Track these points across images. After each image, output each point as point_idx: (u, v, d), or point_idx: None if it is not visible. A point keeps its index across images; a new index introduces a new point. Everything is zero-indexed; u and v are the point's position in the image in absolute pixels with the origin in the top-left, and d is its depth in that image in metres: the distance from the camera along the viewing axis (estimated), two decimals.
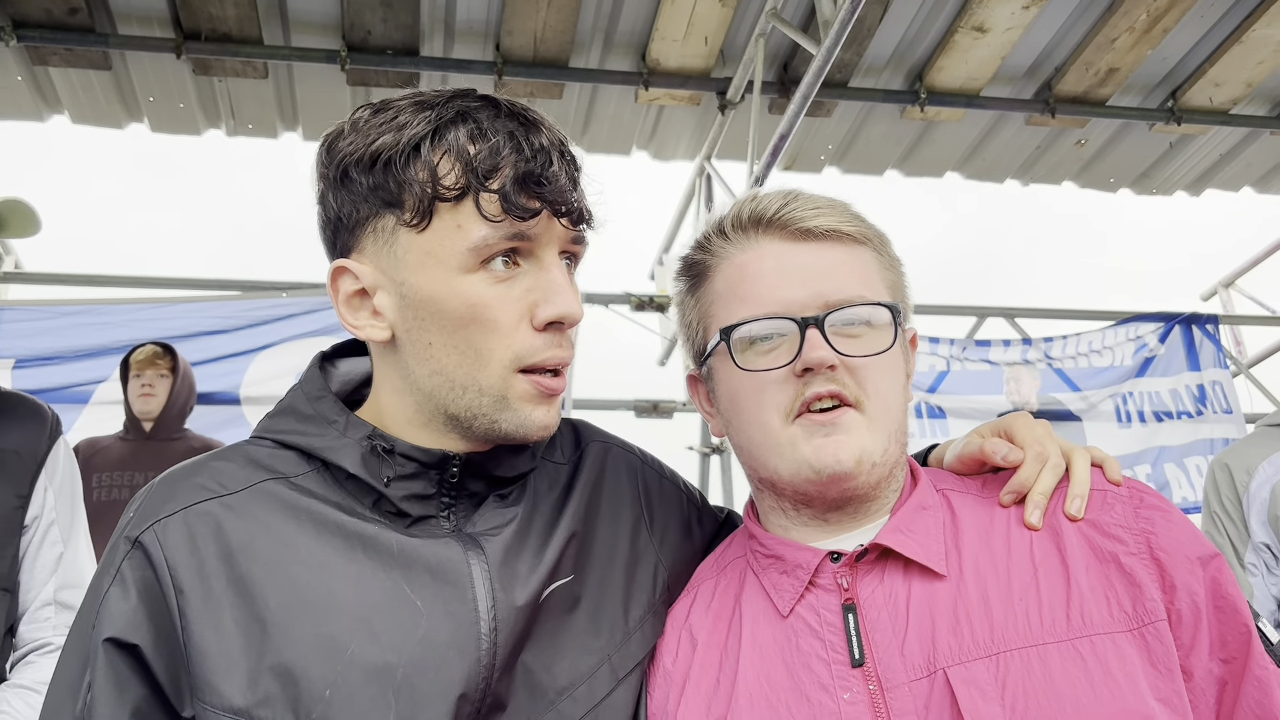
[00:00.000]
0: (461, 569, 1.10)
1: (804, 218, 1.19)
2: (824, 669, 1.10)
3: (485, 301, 1.07)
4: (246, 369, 5.56)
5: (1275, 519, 2.56)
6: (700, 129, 6.18)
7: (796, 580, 1.17)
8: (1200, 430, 6.65)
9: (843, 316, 1.15)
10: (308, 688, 1.01)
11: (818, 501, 1.18)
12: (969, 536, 1.15)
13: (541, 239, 1.09)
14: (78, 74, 5.35)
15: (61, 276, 6.15)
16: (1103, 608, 1.06)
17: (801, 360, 1.13)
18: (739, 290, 1.20)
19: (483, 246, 1.06)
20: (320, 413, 1.16)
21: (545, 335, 1.10)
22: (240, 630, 1.03)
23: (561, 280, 1.10)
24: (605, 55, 5.56)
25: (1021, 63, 5.77)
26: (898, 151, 6.46)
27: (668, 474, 1.42)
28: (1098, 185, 7.00)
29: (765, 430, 1.16)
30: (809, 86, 4.54)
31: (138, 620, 1.04)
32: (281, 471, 1.13)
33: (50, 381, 5.32)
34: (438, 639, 1.05)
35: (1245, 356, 7.47)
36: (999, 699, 1.01)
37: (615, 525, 1.27)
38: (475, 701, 1.05)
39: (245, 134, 5.93)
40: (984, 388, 6.55)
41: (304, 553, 1.07)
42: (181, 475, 1.13)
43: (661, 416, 6.33)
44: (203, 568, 1.05)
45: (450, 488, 1.15)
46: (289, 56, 5.27)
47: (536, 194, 1.07)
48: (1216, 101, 6.09)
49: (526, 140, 1.07)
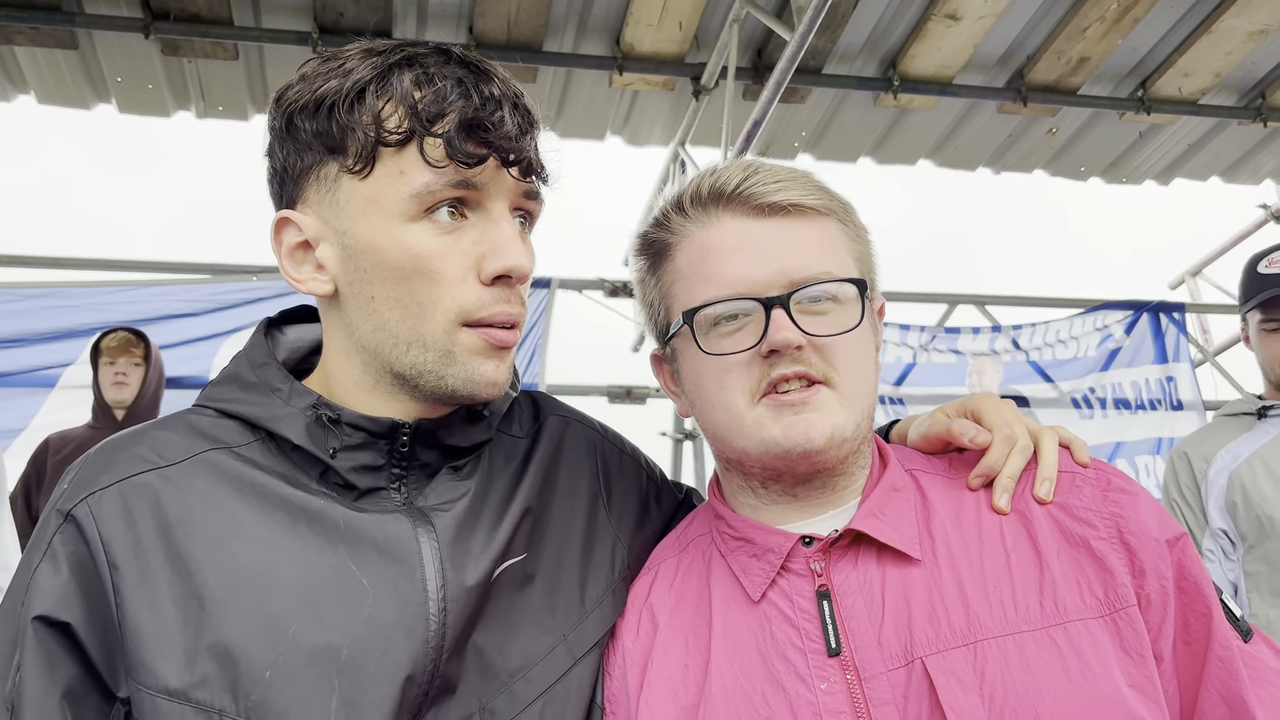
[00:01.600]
0: (410, 546, 1.06)
1: (765, 192, 1.15)
2: (800, 658, 1.08)
3: (429, 252, 1.04)
4: (216, 352, 5.51)
5: (1232, 505, 2.60)
6: (674, 114, 6.17)
7: (768, 565, 1.14)
8: (1164, 426, 6.74)
9: (808, 294, 1.12)
10: (247, 669, 0.97)
11: (786, 476, 1.15)
12: (940, 520, 1.13)
13: (489, 189, 1.05)
14: (44, 53, 5.26)
15: (27, 259, 6.06)
16: (1075, 593, 1.05)
17: (767, 342, 1.10)
18: (700, 270, 1.16)
19: (425, 193, 1.03)
20: (264, 380, 1.11)
21: (493, 290, 1.06)
22: (178, 608, 0.99)
23: (510, 233, 1.06)
24: (579, 39, 5.54)
25: (994, 51, 5.79)
26: (871, 139, 6.48)
27: (628, 449, 1.39)
28: (1068, 174, 7.05)
29: (730, 412, 1.13)
30: (783, 73, 4.55)
31: (69, 597, 0.99)
32: (224, 441, 1.09)
33: (16, 365, 5.26)
34: (384, 619, 1.02)
35: (1212, 345, 7.56)
36: (977, 689, 1.01)
37: (572, 501, 1.24)
38: (423, 684, 1.02)
39: (215, 116, 5.85)
40: (948, 380, 6.61)
41: (246, 528, 1.03)
42: (118, 445, 1.08)
43: (635, 402, 6.34)
44: (139, 543, 1.01)
45: (401, 458, 1.10)
46: (260, 38, 5.21)
47: (483, 140, 1.03)
48: (1186, 91, 6.14)
49: (475, 87, 1.04)
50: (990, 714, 1.00)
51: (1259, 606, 2.57)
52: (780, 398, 1.10)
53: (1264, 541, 2.57)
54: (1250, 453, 2.65)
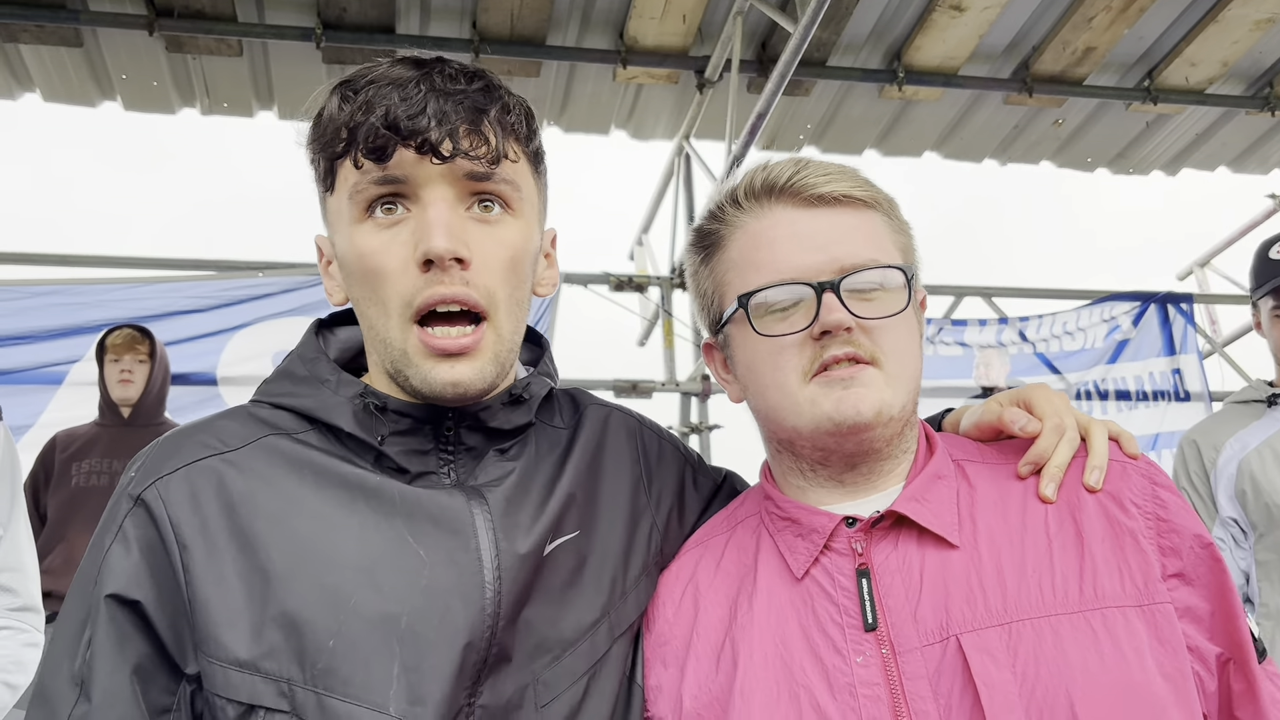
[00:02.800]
0: (464, 518, 1.11)
1: (816, 184, 1.20)
2: (837, 632, 1.12)
3: (372, 248, 1.09)
4: (223, 349, 5.53)
5: (1242, 494, 2.59)
6: (679, 108, 6.17)
7: (811, 544, 1.18)
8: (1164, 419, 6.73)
9: (858, 280, 1.17)
10: (312, 638, 1.02)
11: (835, 457, 1.19)
12: (984, 507, 1.17)
13: (416, 179, 1.08)
14: (49, 51, 5.29)
15: (34, 256, 6.09)
16: (1115, 581, 1.07)
17: (819, 323, 1.14)
18: (754, 258, 1.22)
19: (355, 193, 1.09)
20: (314, 373, 1.18)
21: (426, 274, 1.08)
22: (243, 583, 1.04)
23: (434, 216, 1.07)
24: (583, 33, 5.54)
25: (999, 42, 5.78)
26: (876, 131, 6.47)
27: (666, 436, 1.43)
28: (1075, 165, 7.03)
29: (783, 391, 1.18)
30: (786, 65, 4.54)
31: (140, 577, 1.04)
32: (283, 428, 1.15)
33: (23, 361, 5.28)
34: (441, 587, 1.07)
35: (1220, 336, 7.53)
36: (1010, 666, 1.03)
37: (616, 485, 1.29)
38: (481, 650, 1.06)
39: (220, 112, 5.88)
40: (955, 372, 6.60)
41: (306, 505, 1.09)
42: (183, 434, 1.14)
43: (641, 396, 6.33)
44: (205, 523, 1.06)
45: (447, 442, 1.16)
46: (264, 34, 5.23)
47: (393, 131, 1.06)
48: (1193, 81, 6.12)
49: (401, 89, 1.08)
50: (1022, 690, 1.02)
51: (1269, 595, 2.56)
52: (831, 374, 1.15)
53: (1274, 530, 2.56)
54: (1260, 441, 2.64)
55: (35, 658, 1.99)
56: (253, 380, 5.60)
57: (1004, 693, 1.02)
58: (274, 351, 5.57)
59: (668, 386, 6.42)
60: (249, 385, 5.52)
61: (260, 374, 5.53)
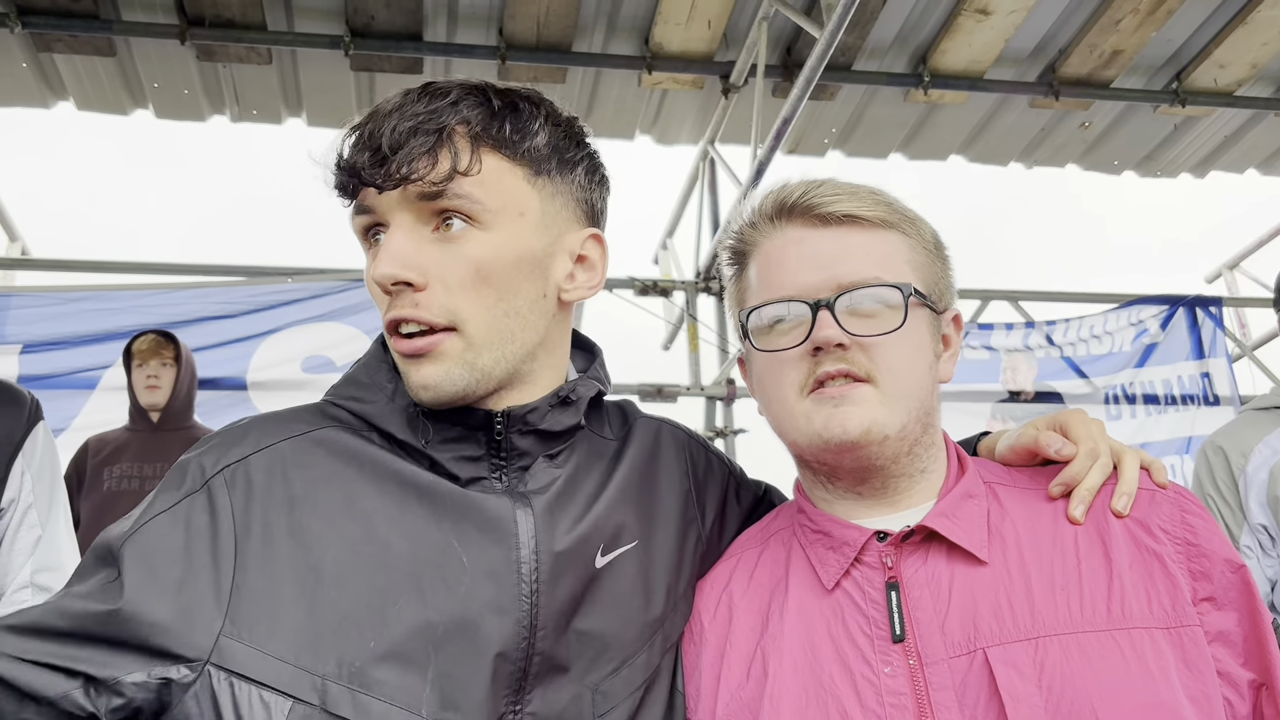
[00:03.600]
0: (509, 526, 1.13)
1: (823, 203, 1.23)
2: (866, 643, 1.14)
3: (368, 275, 1.16)
4: (253, 354, 5.58)
5: (1275, 500, 2.57)
6: (704, 113, 6.18)
7: (842, 556, 1.20)
8: (1195, 423, 6.68)
9: (854, 298, 1.19)
10: (355, 637, 1.05)
11: (840, 473, 1.22)
12: (1014, 527, 1.18)
13: (379, 209, 1.14)
14: (82, 60, 5.36)
15: (68, 263, 6.18)
16: (1143, 603, 1.08)
17: (811, 340, 1.17)
18: (763, 277, 1.26)
19: (352, 227, 1.18)
20: (375, 380, 1.22)
21: (388, 298, 1.14)
22: (295, 576, 1.06)
23: (385, 244, 1.13)
24: (608, 39, 5.56)
25: (1025, 45, 5.75)
26: (901, 135, 6.45)
27: (712, 450, 1.46)
28: (1101, 168, 6.98)
29: (783, 404, 1.21)
30: (812, 70, 4.54)
31: (172, 555, 1.06)
32: (350, 425, 1.20)
33: (58, 367, 5.35)
34: (477, 599, 1.09)
35: (1250, 339, 7.47)
36: (1036, 680, 1.04)
37: (668, 498, 1.32)
38: (517, 661, 1.08)
39: (250, 120, 5.94)
40: (982, 376, 6.57)
41: (362, 501, 1.12)
42: (251, 424, 1.19)
43: (665, 400, 6.35)
44: (265, 513, 1.09)
45: (499, 447, 1.18)
46: (293, 42, 5.28)
47: (344, 172, 1.14)
48: (1221, 83, 6.07)
49: (365, 125, 1.14)
50: (1047, 704, 1.03)
51: None
52: (824, 391, 1.17)
53: None
54: None
55: None
56: (282, 385, 5.69)
57: (1029, 706, 1.03)
58: (303, 357, 5.62)
59: (693, 391, 6.43)
60: (278, 390, 5.59)
61: (289, 379, 5.64)
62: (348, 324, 5.75)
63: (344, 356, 5.68)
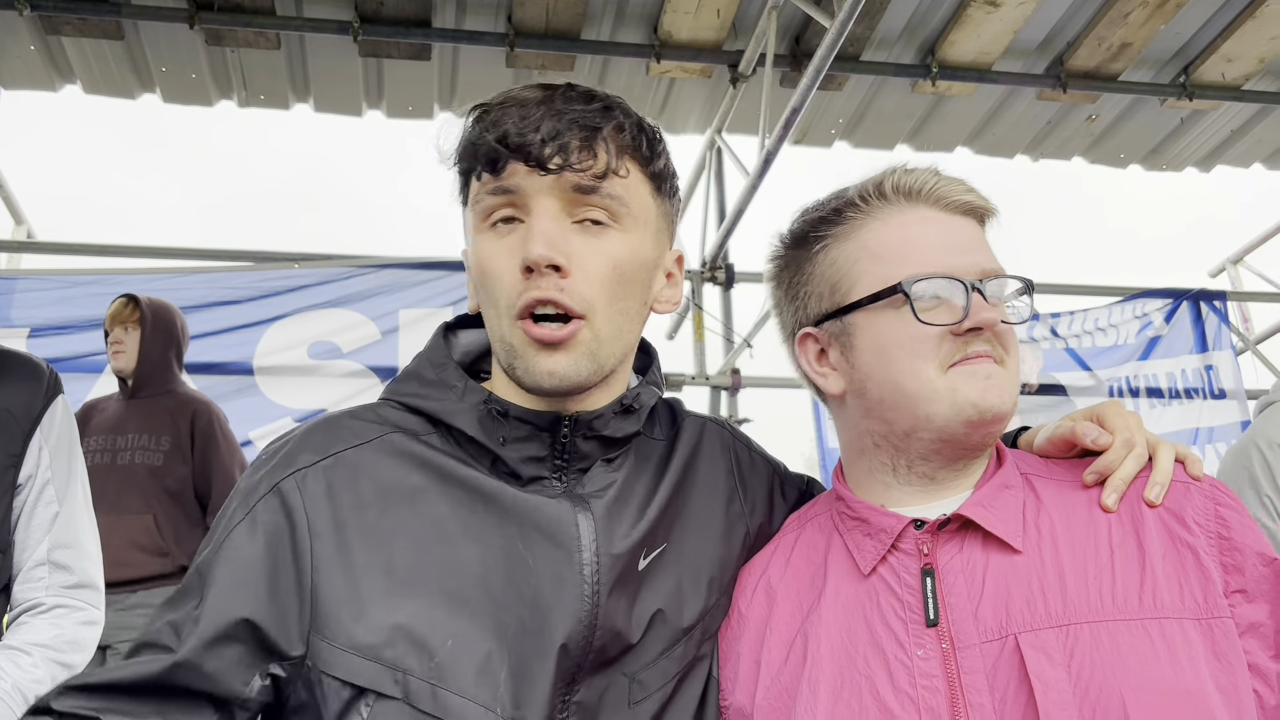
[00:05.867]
0: (570, 531, 1.17)
1: (957, 192, 1.28)
2: (901, 626, 1.16)
3: (487, 253, 1.18)
4: (259, 339, 5.58)
5: None
6: (711, 102, 6.18)
7: (879, 543, 1.23)
8: (1201, 416, 6.69)
9: (997, 285, 1.24)
10: (431, 637, 1.09)
11: (950, 449, 1.23)
12: (1049, 517, 1.20)
13: (526, 191, 1.16)
14: (90, 44, 5.36)
15: (74, 246, 6.18)
16: (1175, 594, 1.10)
17: (970, 319, 1.19)
18: (901, 249, 1.25)
19: (476, 203, 1.19)
20: (442, 379, 1.25)
21: (527, 279, 1.15)
22: (369, 577, 1.11)
23: (536, 226, 1.14)
24: (617, 27, 5.56)
25: (1034, 37, 5.75)
26: (908, 126, 6.45)
27: (755, 448, 1.48)
28: (1107, 161, 6.98)
29: (920, 379, 1.20)
30: (822, 60, 4.54)
31: (257, 562, 1.12)
32: (409, 429, 1.22)
33: (64, 350, 5.35)
34: (545, 598, 1.13)
35: (1253, 333, 7.48)
36: (1065, 666, 1.06)
37: (711, 494, 1.34)
38: (576, 657, 1.13)
39: (257, 105, 5.93)
40: None
41: (430, 504, 1.16)
42: (318, 428, 1.22)
43: (671, 389, 6.35)
44: (337, 514, 1.13)
45: (562, 450, 1.22)
46: (301, 27, 5.28)
47: (504, 146, 1.15)
48: (1229, 77, 6.07)
49: (519, 107, 1.17)
50: (1076, 689, 1.05)
51: None
52: (974, 364, 1.20)
53: None
54: None
55: (93, 636, 2.00)
56: (289, 371, 5.70)
57: (1058, 690, 1.05)
58: (310, 342, 5.63)
59: (698, 380, 6.44)
60: (285, 376, 5.60)
61: (296, 365, 5.65)
62: (354, 310, 5.75)
63: (350, 343, 5.69)
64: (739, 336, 6.47)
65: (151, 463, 3.89)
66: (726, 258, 6.56)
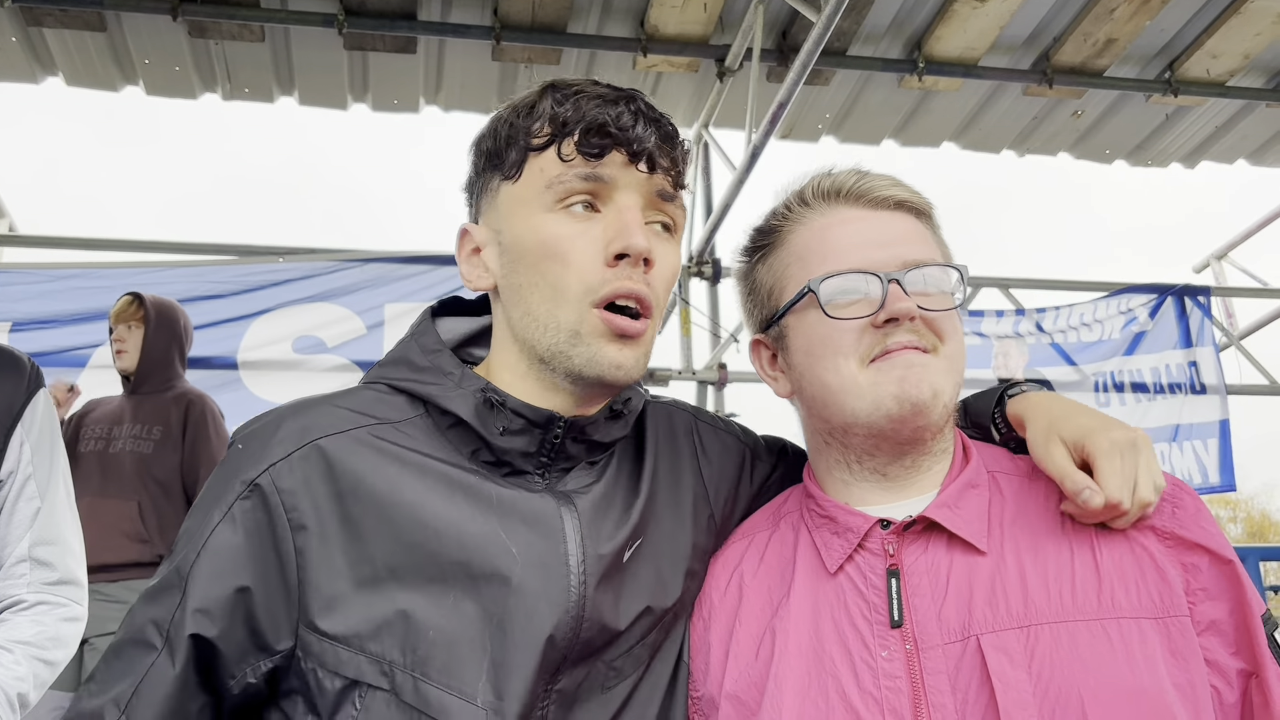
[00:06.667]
0: (555, 523, 1.17)
1: (879, 188, 1.30)
2: (866, 626, 1.18)
3: (559, 235, 1.16)
4: (244, 333, 5.56)
5: None
6: (698, 96, 6.18)
7: (846, 542, 1.24)
8: (1182, 412, 6.72)
9: (921, 275, 1.24)
10: (415, 627, 1.09)
11: (886, 445, 1.24)
12: (1013, 517, 1.22)
13: (617, 183, 1.17)
14: (72, 35, 5.31)
15: (57, 240, 6.13)
16: (1132, 594, 1.12)
17: (885, 310, 1.20)
18: (821, 250, 1.28)
19: (557, 183, 1.17)
20: (436, 365, 1.23)
21: (615, 268, 1.15)
22: (353, 569, 1.11)
23: (632, 218, 1.16)
24: (603, 21, 5.54)
25: (1020, 33, 5.76)
26: (895, 121, 6.46)
27: (721, 425, 1.48)
28: (1093, 156, 7.01)
29: (842, 375, 1.23)
30: (809, 54, 4.54)
31: (241, 559, 1.11)
32: (388, 417, 1.20)
33: (47, 345, 5.32)
34: (530, 589, 1.13)
35: (1237, 329, 7.52)
36: (1026, 667, 1.09)
37: (677, 481, 1.35)
38: (562, 648, 1.13)
39: (241, 98, 5.90)
40: (973, 362, 6.60)
41: (409, 494, 1.14)
42: (295, 415, 1.19)
43: (657, 384, 6.35)
44: (317, 506, 1.12)
45: (551, 449, 1.21)
46: (286, 20, 5.24)
47: (608, 135, 1.16)
48: (1214, 73, 6.09)
49: (610, 102, 1.17)
50: (1036, 689, 1.07)
51: None
52: (894, 355, 1.21)
53: None
54: None
55: (75, 632, 1.99)
56: (273, 365, 5.68)
57: (1018, 690, 1.07)
58: (294, 337, 5.61)
59: (684, 375, 6.43)
60: (269, 369, 5.58)
61: (280, 359, 5.62)
62: (339, 304, 5.74)
63: (335, 337, 5.67)
64: (726, 331, 6.47)
65: (142, 450, 3.91)
66: (713, 253, 6.56)
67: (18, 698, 1.85)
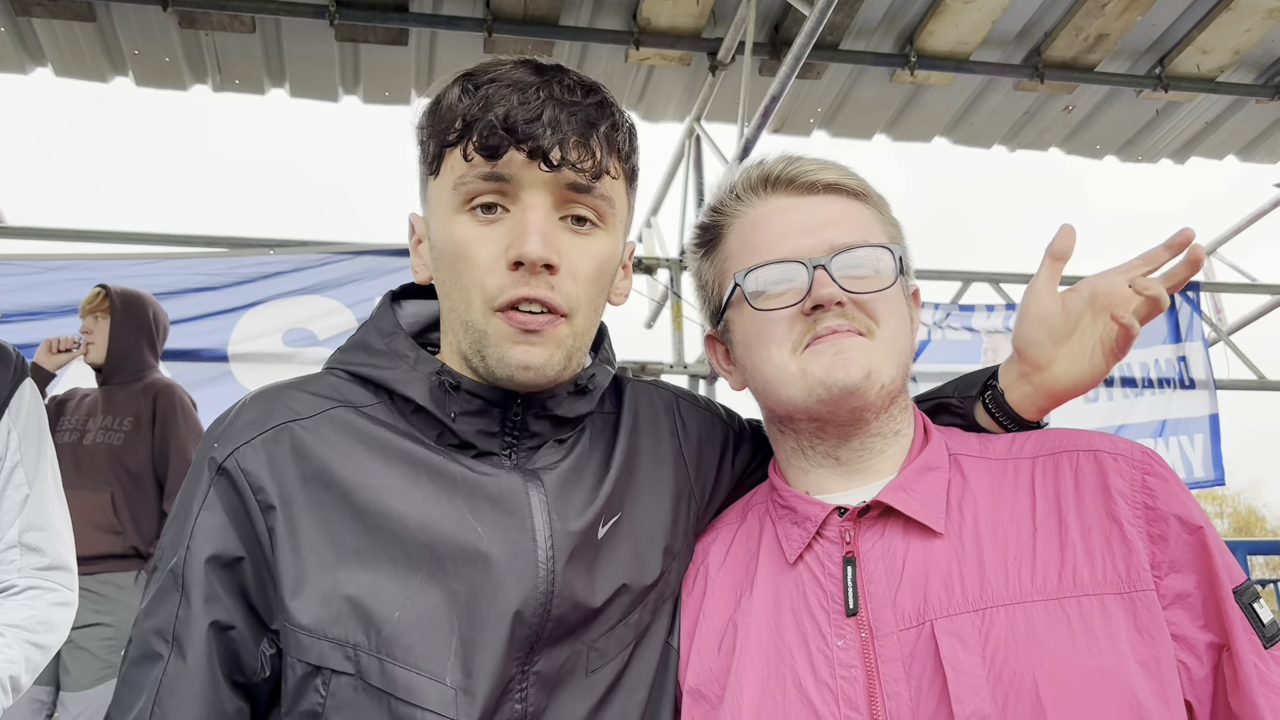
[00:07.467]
0: (521, 500, 1.15)
1: (808, 173, 1.28)
2: (823, 616, 1.17)
3: (466, 238, 1.14)
4: (234, 326, 5.53)
5: None
6: (690, 90, 6.17)
7: (804, 531, 1.23)
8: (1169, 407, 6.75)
9: (849, 258, 1.22)
10: (378, 609, 1.08)
11: (830, 428, 1.23)
12: (974, 499, 1.20)
13: (520, 181, 1.12)
14: (61, 25, 5.28)
15: (46, 231, 6.08)
16: (1096, 570, 1.10)
17: (810, 298, 1.20)
18: (751, 243, 1.28)
19: (460, 184, 1.13)
20: (392, 348, 1.22)
21: (514, 274, 1.12)
22: (315, 553, 1.09)
23: (532, 220, 1.12)
24: (596, 13, 5.53)
25: (1011, 27, 5.77)
26: (886, 115, 6.47)
27: (703, 404, 1.47)
28: (1084, 152, 7.03)
29: (774, 364, 1.23)
30: (801, 48, 4.54)
31: (231, 538, 1.11)
32: (352, 401, 1.19)
33: (36, 336, 5.25)
34: (497, 566, 1.11)
35: (1225, 324, 7.55)
36: (980, 651, 1.07)
37: (657, 461, 1.33)
38: (533, 625, 1.11)
39: (232, 89, 5.87)
40: (963, 357, 6.61)
41: (373, 478, 1.13)
42: (261, 400, 1.19)
43: (649, 378, 6.35)
44: (284, 489, 1.11)
45: (514, 426, 1.20)
46: (276, 11, 5.22)
47: (505, 134, 1.11)
48: (1204, 69, 6.11)
49: (521, 92, 1.12)
50: (990, 673, 1.06)
51: None
52: (823, 341, 1.20)
53: None
54: None
55: (66, 617, 2.00)
56: (263, 358, 5.65)
57: (971, 676, 1.06)
58: (285, 329, 5.59)
59: (676, 369, 6.43)
60: (259, 362, 5.55)
61: (271, 351, 5.60)
62: (329, 297, 5.71)
63: (325, 330, 5.65)
64: None
65: (113, 442, 3.90)
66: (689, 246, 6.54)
67: (10, 680, 1.85)
